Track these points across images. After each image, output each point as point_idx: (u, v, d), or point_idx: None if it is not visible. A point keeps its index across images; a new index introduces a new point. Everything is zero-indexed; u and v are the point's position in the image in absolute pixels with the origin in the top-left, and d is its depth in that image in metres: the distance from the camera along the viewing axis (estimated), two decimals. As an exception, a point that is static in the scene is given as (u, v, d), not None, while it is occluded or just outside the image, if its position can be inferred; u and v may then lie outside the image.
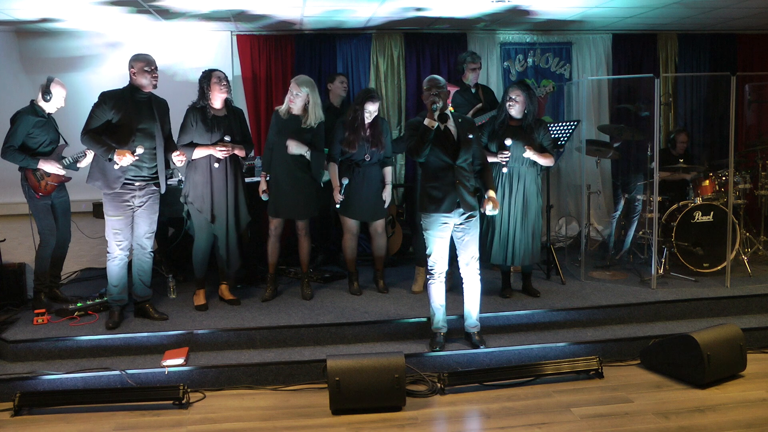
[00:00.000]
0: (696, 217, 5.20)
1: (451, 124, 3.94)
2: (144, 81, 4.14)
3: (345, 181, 4.63)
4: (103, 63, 6.04)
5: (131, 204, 4.22)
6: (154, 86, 4.20)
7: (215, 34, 6.22)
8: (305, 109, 4.54)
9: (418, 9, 5.44)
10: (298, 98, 4.52)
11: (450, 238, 4.00)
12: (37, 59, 5.94)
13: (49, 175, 4.47)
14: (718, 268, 5.15)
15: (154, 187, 4.31)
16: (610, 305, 4.55)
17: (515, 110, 4.44)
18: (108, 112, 4.09)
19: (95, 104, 4.16)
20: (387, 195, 4.78)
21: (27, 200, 4.53)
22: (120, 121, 4.10)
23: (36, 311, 4.42)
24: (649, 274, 5.01)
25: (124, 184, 4.15)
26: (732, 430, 3.27)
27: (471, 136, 3.93)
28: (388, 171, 4.79)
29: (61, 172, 4.49)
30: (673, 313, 4.58)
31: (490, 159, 4.30)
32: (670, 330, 4.32)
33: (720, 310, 4.65)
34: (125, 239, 4.25)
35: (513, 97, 4.42)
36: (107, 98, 4.12)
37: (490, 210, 3.94)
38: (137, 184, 4.21)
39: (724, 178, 5.49)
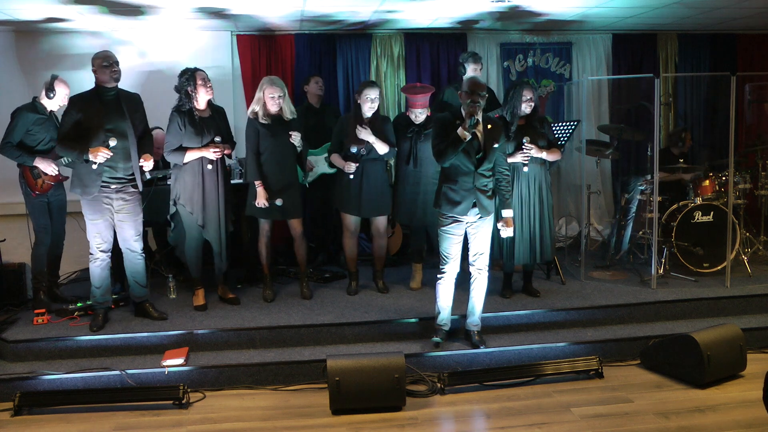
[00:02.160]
0: (696, 217, 5.20)
1: (479, 130, 3.89)
2: (104, 77, 4.05)
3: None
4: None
5: (110, 207, 4.14)
6: (116, 80, 4.10)
7: (215, 33, 6.22)
8: (280, 106, 4.54)
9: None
10: (281, 98, 4.48)
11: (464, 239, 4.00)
12: (35, 59, 5.92)
13: (46, 173, 4.45)
14: (718, 268, 5.14)
15: (132, 189, 4.20)
16: (610, 305, 4.55)
17: (530, 109, 4.48)
18: (75, 116, 4.02)
19: (64, 111, 4.12)
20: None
21: (24, 198, 4.52)
22: (87, 123, 4.01)
23: (36, 311, 4.42)
24: (649, 274, 5.01)
25: (101, 187, 4.07)
26: (732, 430, 3.27)
27: (496, 146, 3.90)
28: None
29: (55, 172, 4.46)
30: (673, 313, 4.58)
31: (509, 159, 4.31)
32: (670, 330, 4.32)
33: (720, 310, 4.65)
34: (105, 241, 4.19)
35: (530, 97, 4.46)
36: (73, 102, 4.07)
37: (504, 232, 3.98)
38: (113, 186, 4.11)
39: (724, 178, 5.48)
